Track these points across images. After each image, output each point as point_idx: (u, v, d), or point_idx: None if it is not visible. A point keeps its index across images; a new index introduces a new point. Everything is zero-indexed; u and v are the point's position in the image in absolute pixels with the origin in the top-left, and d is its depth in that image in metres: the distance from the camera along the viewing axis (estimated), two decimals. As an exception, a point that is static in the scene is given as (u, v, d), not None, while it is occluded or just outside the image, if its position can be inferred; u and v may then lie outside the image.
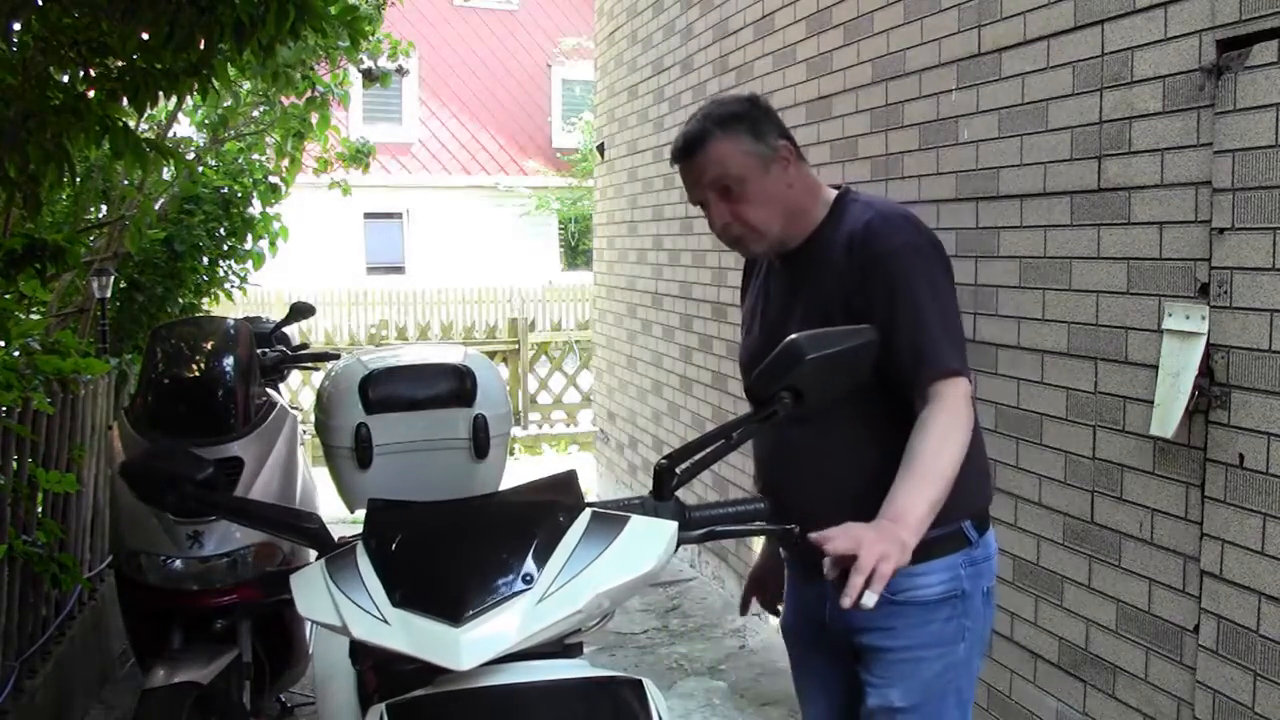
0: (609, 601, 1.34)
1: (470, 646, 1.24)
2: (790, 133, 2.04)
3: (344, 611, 1.31)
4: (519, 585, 1.28)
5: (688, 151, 1.99)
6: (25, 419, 3.39)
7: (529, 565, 1.30)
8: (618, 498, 1.45)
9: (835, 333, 1.46)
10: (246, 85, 5.88)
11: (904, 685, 1.96)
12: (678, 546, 1.42)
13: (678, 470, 1.45)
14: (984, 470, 2.07)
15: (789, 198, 1.99)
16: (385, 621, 1.28)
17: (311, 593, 1.36)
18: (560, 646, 1.37)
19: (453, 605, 1.26)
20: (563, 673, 1.35)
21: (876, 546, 1.56)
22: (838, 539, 1.55)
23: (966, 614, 1.98)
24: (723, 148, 1.96)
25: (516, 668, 1.31)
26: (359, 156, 7.29)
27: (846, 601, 1.53)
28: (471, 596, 1.27)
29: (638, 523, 1.37)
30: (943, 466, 1.79)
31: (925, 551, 1.89)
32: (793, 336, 1.44)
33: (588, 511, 1.38)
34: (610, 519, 1.37)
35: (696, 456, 1.46)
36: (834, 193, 2.06)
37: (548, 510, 1.37)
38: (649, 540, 1.36)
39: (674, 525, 1.40)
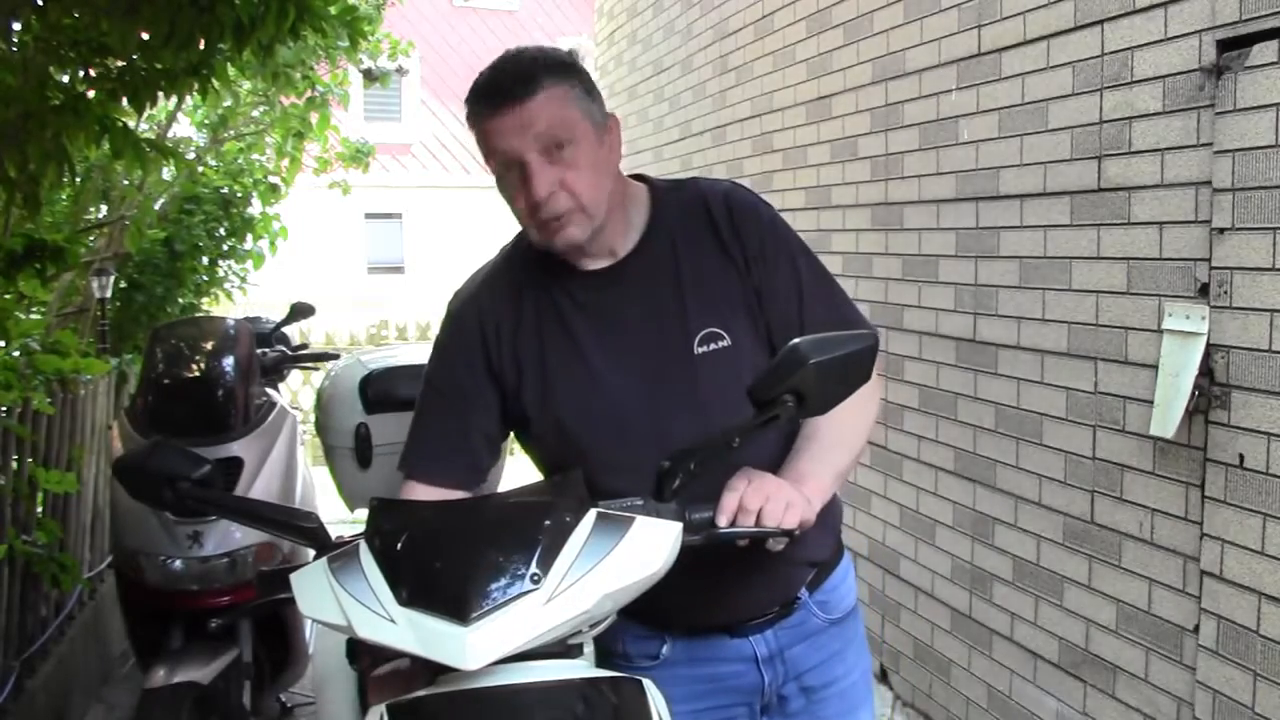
0: (613, 603, 1.34)
1: (478, 646, 1.24)
2: None
3: (348, 610, 1.30)
4: (526, 585, 1.28)
5: (512, 93, 1.53)
6: (25, 419, 3.39)
7: (536, 565, 1.30)
8: (617, 499, 1.45)
9: (838, 337, 1.45)
10: (246, 85, 5.88)
11: (866, 704, 1.85)
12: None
13: (679, 472, 1.45)
14: None
15: (615, 182, 1.63)
16: (391, 620, 1.28)
17: (314, 592, 1.36)
18: (562, 646, 1.37)
19: (460, 604, 1.26)
20: (563, 673, 1.35)
21: (781, 497, 1.45)
22: (750, 497, 1.44)
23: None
24: (560, 94, 1.55)
25: (517, 668, 1.30)
26: (359, 156, 7.30)
27: (775, 547, 1.45)
28: (479, 596, 1.27)
29: (643, 524, 1.37)
30: (851, 436, 1.64)
31: (836, 556, 1.81)
32: (794, 341, 1.41)
33: (593, 512, 1.37)
34: (615, 519, 1.37)
35: (697, 458, 1.46)
36: (641, 184, 1.74)
37: (553, 510, 1.37)
38: (655, 541, 1.36)
39: (679, 526, 1.40)
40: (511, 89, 1.53)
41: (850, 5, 3.83)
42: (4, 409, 3.29)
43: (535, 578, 1.29)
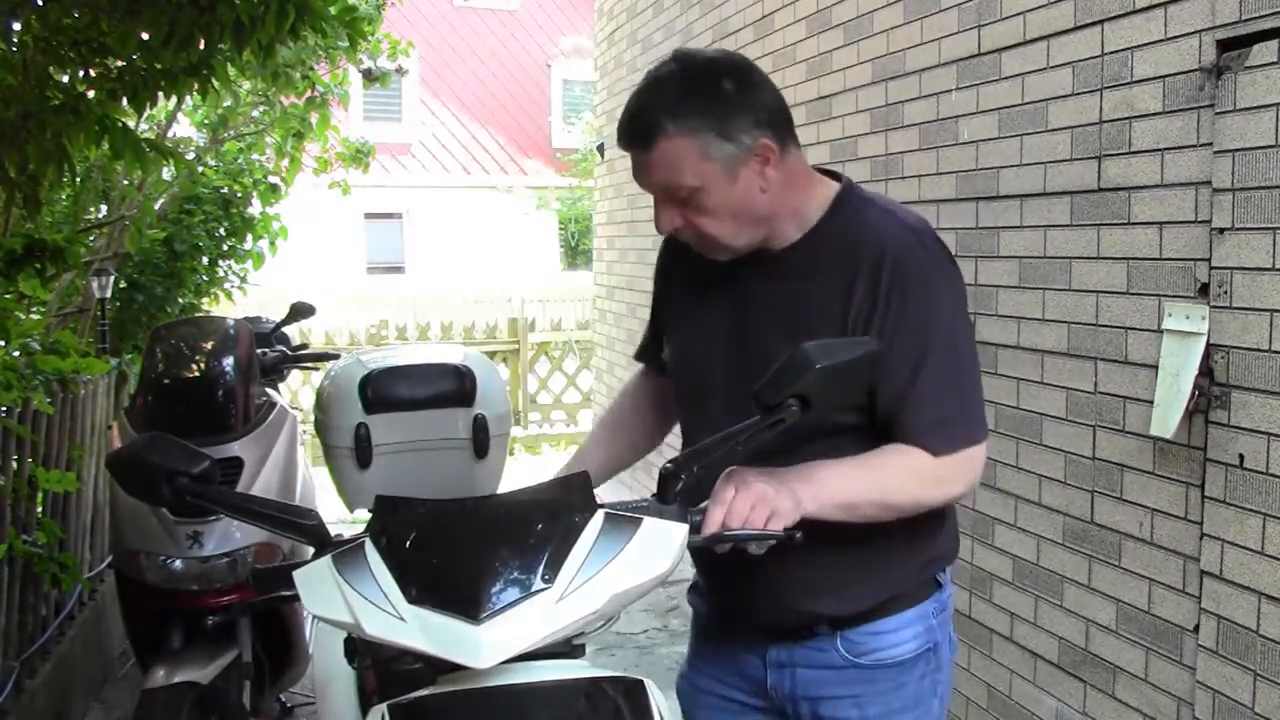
0: (619, 604, 1.34)
1: (490, 644, 1.24)
2: (780, 107, 1.62)
3: (356, 608, 1.30)
4: (538, 584, 1.28)
5: (634, 140, 1.59)
6: (25, 419, 3.39)
7: (546, 564, 1.30)
8: (620, 499, 1.45)
9: (841, 343, 1.46)
10: (246, 85, 5.87)
11: None
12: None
13: (682, 475, 1.45)
14: (953, 513, 1.82)
15: (763, 204, 1.60)
16: (401, 619, 1.28)
17: (320, 590, 1.35)
18: (566, 646, 1.38)
19: (471, 603, 1.26)
20: (565, 673, 1.35)
21: (766, 505, 1.44)
22: (735, 509, 1.44)
23: (939, 667, 1.76)
24: (677, 150, 1.54)
25: (519, 668, 1.31)
26: (359, 156, 7.28)
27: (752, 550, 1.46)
28: (490, 594, 1.27)
29: (650, 525, 1.37)
30: (891, 494, 1.58)
31: (897, 604, 1.71)
32: (800, 346, 1.43)
33: (601, 512, 1.38)
34: (623, 520, 1.37)
35: (702, 461, 1.46)
36: (834, 185, 1.70)
37: (561, 510, 1.38)
38: (662, 542, 1.36)
39: (685, 528, 1.40)
40: (633, 136, 1.59)
41: (850, 5, 3.83)
42: (4, 409, 3.28)
43: (546, 577, 1.29)
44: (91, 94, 2.99)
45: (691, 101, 1.55)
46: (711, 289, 1.73)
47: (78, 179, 4.27)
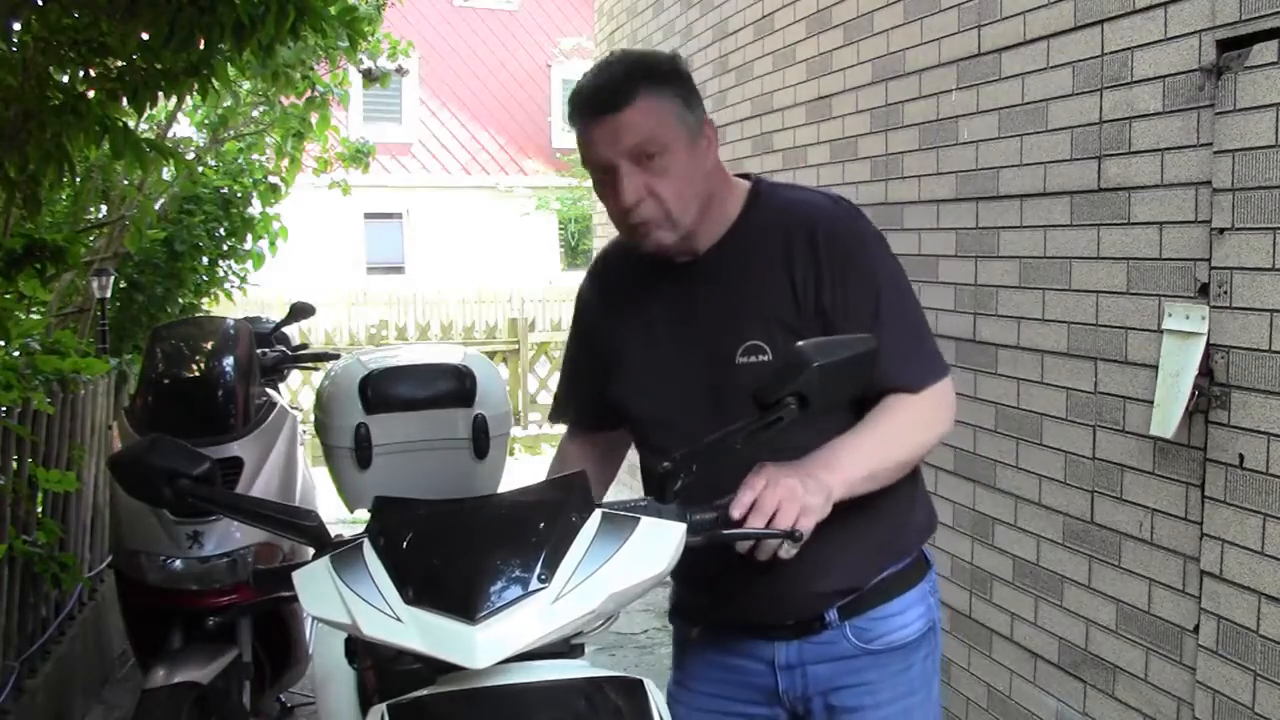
0: (617, 603, 1.34)
1: (486, 645, 1.24)
2: None
3: (354, 609, 1.30)
4: (534, 584, 1.29)
5: (607, 105, 1.61)
6: (25, 419, 3.39)
7: (543, 564, 1.30)
8: (619, 499, 1.45)
9: (838, 341, 1.47)
10: (246, 85, 5.87)
11: None
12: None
13: (680, 474, 1.45)
14: (922, 482, 1.88)
15: (708, 184, 1.68)
16: (398, 619, 1.28)
17: (318, 590, 1.36)
18: (565, 646, 1.38)
19: (467, 603, 1.26)
20: (564, 673, 1.35)
21: (796, 502, 1.45)
22: (766, 499, 1.44)
23: (937, 645, 1.83)
24: (654, 106, 1.61)
25: (518, 668, 1.31)
26: (359, 156, 7.28)
27: (762, 555, 1.47)
28: (486, 594, 1.27)
29: (648, 524, 1.38)
30: (900, 450, 1.64)
31: (899, 585, 1.76)
32: (798, 345, 1.44)
33: (598, 512, 1.38)
34: (621, 520, 1.37)
35: (700, 461, 1.46)
36: (746, 183, 1.78)
37: (559, 509, 1.38)
38: (660, 542, 1.37)
39: (683, 527, 1.41)
40: (607, 100, 1.61)
41: (850, 5, 3.83)
42: (4, 409, 3.28)
43: (543, 577, 1.29)
44: (91, 94, 2.99)
45: (655, 75, 1.65)
46: (649, 305, 1.78)
47: (78, 179, 4.27)
